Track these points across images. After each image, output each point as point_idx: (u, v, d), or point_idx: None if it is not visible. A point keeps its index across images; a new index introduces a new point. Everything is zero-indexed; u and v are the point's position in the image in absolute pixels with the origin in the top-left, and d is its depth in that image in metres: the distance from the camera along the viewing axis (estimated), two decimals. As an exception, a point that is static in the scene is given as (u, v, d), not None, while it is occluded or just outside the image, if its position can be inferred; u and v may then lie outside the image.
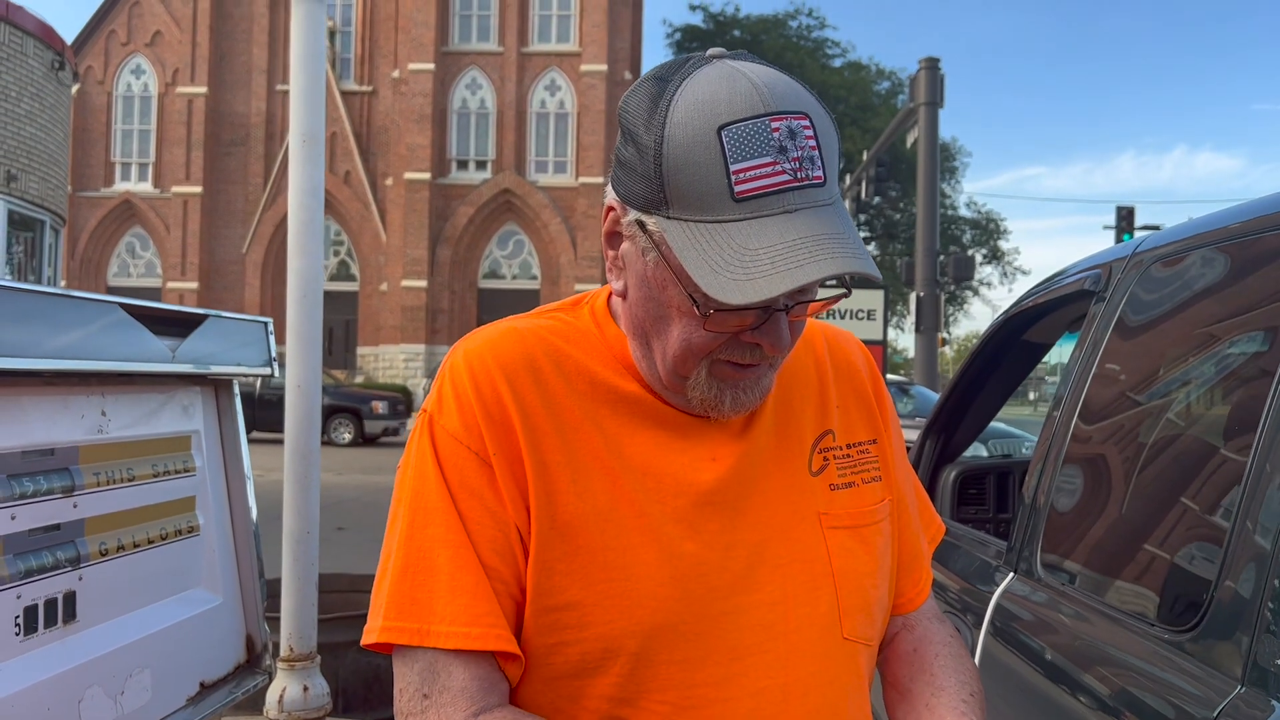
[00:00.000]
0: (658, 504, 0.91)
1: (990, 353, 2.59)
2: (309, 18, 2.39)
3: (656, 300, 0.90)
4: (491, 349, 0.94)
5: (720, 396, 0.92)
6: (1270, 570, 1.15)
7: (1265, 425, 1.24)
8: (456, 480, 0.90)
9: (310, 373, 2.35)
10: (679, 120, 0.84)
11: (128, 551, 1.63)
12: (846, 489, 1.03)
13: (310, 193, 2.35)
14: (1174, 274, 1.66)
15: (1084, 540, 1.70)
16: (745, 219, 0.82)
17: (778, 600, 0.93)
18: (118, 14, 36.96)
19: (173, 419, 1.77)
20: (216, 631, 1.84)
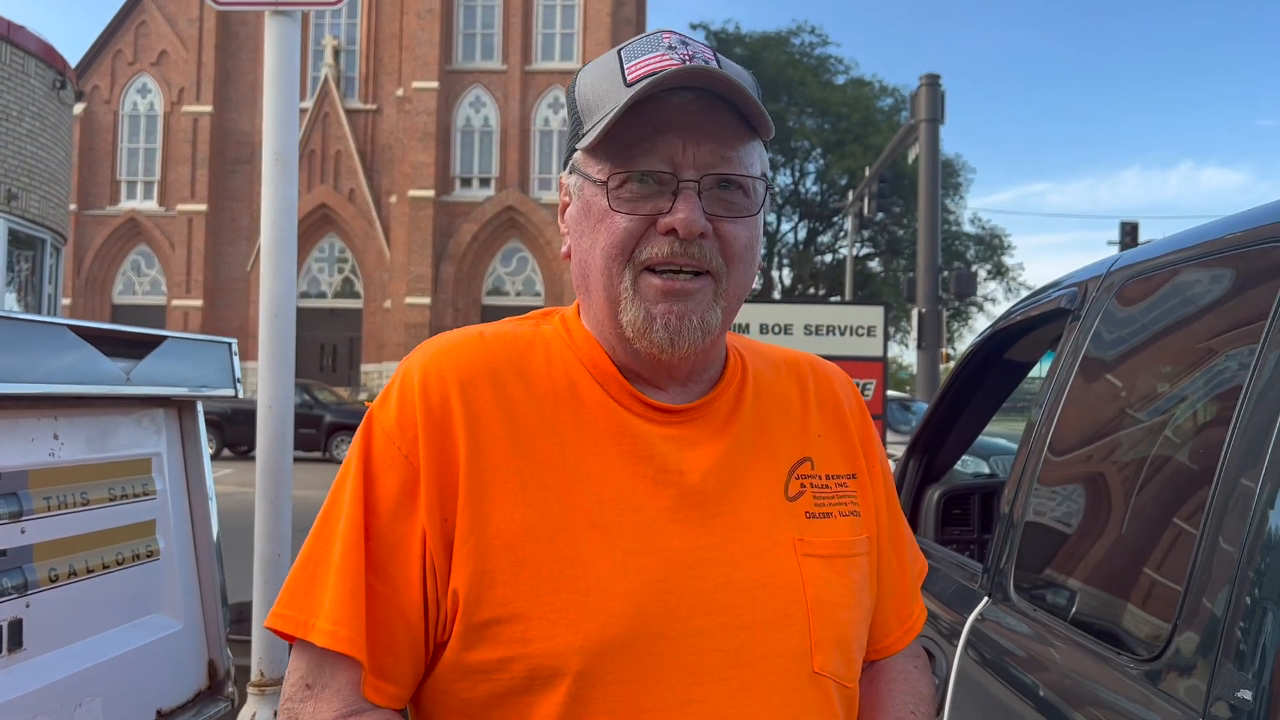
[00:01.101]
0: (615, 515, 0.88)
1: (971, 372, 2.56)
2: (282, 36, 2.38)
3: (588, 224, 0.92)
4: (451, 353, 0.93)
5: (650, 321, 0.89)
6: (1232, 602, 1.12)
7: (1228, 452, 1.21)
8: (375, 480, 0.88)
9: (282, 392, 2.32)
10: (589, 65, 0.97)
11: (80, 577, 1.60)
12: (823, 519, 0.99)
13: (283, 211, 2.33)
14: (1146, 292, 1.63)
15: (1056, 565, 1.67)
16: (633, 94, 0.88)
17: (744, 625, 0.89)
18: (124, 34, 37.19)
19: (132, 441, 1.75)
20: (176, 658, 1.81)
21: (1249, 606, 1.09)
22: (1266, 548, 1.09)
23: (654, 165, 0.88)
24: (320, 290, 36.76)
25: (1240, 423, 1.21)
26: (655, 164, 0.88)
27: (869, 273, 39.00)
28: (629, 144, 0.88)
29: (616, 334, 0.93)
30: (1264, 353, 1.22)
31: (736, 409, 0.99)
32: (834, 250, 40.84)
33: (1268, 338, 1.23)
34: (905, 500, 2.75)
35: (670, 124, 0.88)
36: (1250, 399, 1.21)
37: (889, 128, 35.84)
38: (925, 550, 2.40)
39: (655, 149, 0.88)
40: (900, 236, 38.21)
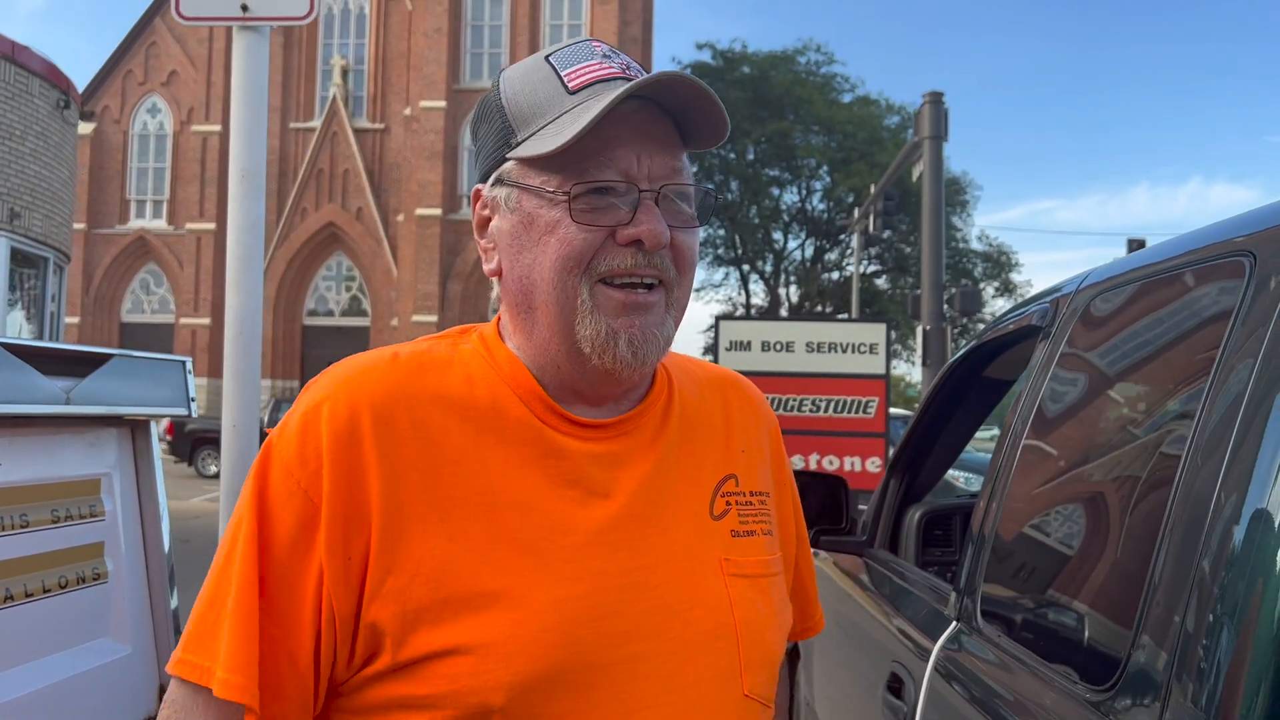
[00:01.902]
0: (545, 541, 0.84)
1: (950, 391, 2.52)
2: (250, 51, 2.36)
3: (529, 239, 0.88)
4: (362, 378, 0.87)
5: (614, 335, 0.86)
6: (1183, 631, 1.08)
7: (1184, 472, 1.17)
8: (270, 516, 0.83)
9: (247, 412, 2.29)
10: (511, 70, 0.93)
11: (18, 601, 1.56)
12: (747, 537, 0.97)
13: (249, 229, 2.30)
14: (1112, 309, 1.60)
15: (1021, 591, 1.63)
16: (582, 102, 0.86)
17: (676, 650, 0.86)
18: (134, 54, 37.50)
19: (78, 462, 1.72)
20: (124, 683, 1.77)
21: (1202, 635, 1.05)
22: (1223, 568, 1.05)
23: (611, 176, 0.86)
24: (328, 309, 36.88)
25: (1191, 451, 1.17)
26: (612, 175, 0.86)
27: (876, 290, 38.94)
28: (583, 155, 0.85)
29: (567, 349, 0.88)
30: (1220, 371, 1.18)
31: (664, 424, 0.96)
32: (841, 267, 40.83)
33: (1224, 355, 1.19)
34: (886, 521, 2.71)
35: (623, 134, 0.86)
36: (1206, 417, 1.17)
37: (895, 145, 35.86)
38: (901, 573, 2.35)
39: (612, 160, 0.86)
40: (907, 254, 38.18)
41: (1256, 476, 1.06)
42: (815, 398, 7.85)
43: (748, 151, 39.08)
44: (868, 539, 2.72)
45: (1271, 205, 1.31)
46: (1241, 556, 1.04)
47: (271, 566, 0.82)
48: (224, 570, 0.83)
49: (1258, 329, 1.15)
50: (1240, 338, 1.18)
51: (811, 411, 7.76)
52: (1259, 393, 1.10)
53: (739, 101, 38.51)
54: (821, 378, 7.92)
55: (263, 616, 0.81)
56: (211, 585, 0.84)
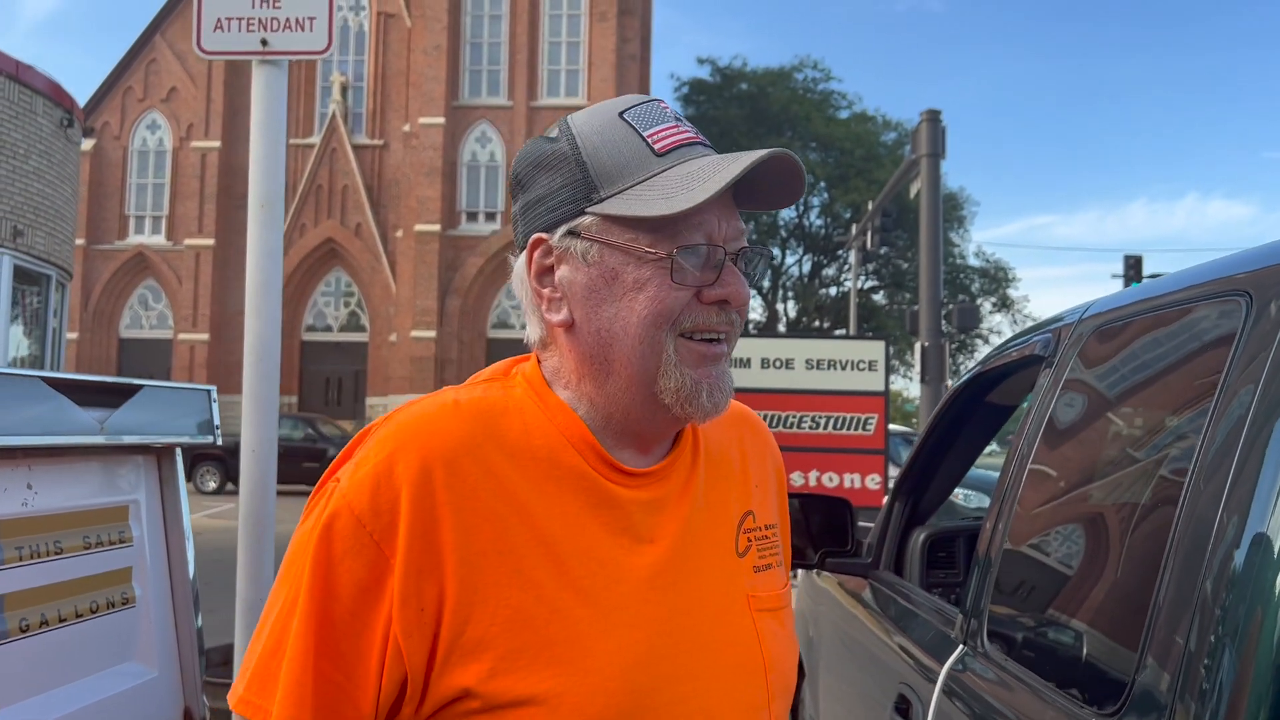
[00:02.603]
0: (604, 590, 0.88)
1: (954, 415, 2.57)
2: (269, 84, 2.41)
3: (611, 294, 0.91)
4: (430, 429, 0.88)
5: (697, 386, 0.90)
6: (1187, 655, 1.12)
7: (1187, 497, 1.22)
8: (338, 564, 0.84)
9: (266, 437, 2.33)
10: (580, 123, 0.95)
11: (53, 626, 1.60)
12: (765, 571, 1.03)
13: (268, 255, 2.35)
14: (1114, 340, 1.64)
15: (1026, 614, 1.67)
16: (673, 165, 0.91)
17: (715, 686, 0.91)
18: (134, 71, 37.64)
19: (108, 489, 1.76)
20: (152, 705, 1.81)
21: (1204, 657, 1.09)
22: (1224, 590, 1.10)
23: (699, 239, 0.90)
24: (326, 324, 36.90)
25: (1193, 480, 1.21)
26: (699, 238, 0.90)
27: (873, 305, 39.04)
28: (675, 217, 0.88)
29: (644, 399, 0.92)
30: (1221, 402, 1.23)
31: (694, 467, 1.00)
32: (838, 283, 40.94)
33: (1224, 385, 1.24)
34: (890, 543, 2.75)
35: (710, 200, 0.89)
36: (1208, 443, 1.22)
37: (892, 162, 36.01)
38: (907, 595, 2.39)
39: (701, 224, 0.90)
40: (904, 269, 38.29)
41: (1257, 501, 1.11)
42: (815, 414, 7.89)
43: (745, 168, 39.13)
44: (872, 561, 2.76)
45: (1268, 245, 1.36)
46: (1242, 579, 1.08)
47: (337, 614, 0.83)
48: (287, 615, 0.85)
49: (1256, 359, 1.20)
50: (1240, 368, 1.23)
51: (811, 428, 7.79)
52: (1259, 420, 1.15)
53: (736, 118, 38.69)
54: (821, 394, 7.95)
55: (326, 663, 0.83)
56: (276, 627, 0.86)
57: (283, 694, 0.83)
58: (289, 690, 0.83)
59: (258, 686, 0.85)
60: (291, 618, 0.84)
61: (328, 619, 0.83)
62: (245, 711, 0.85)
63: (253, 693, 0.85)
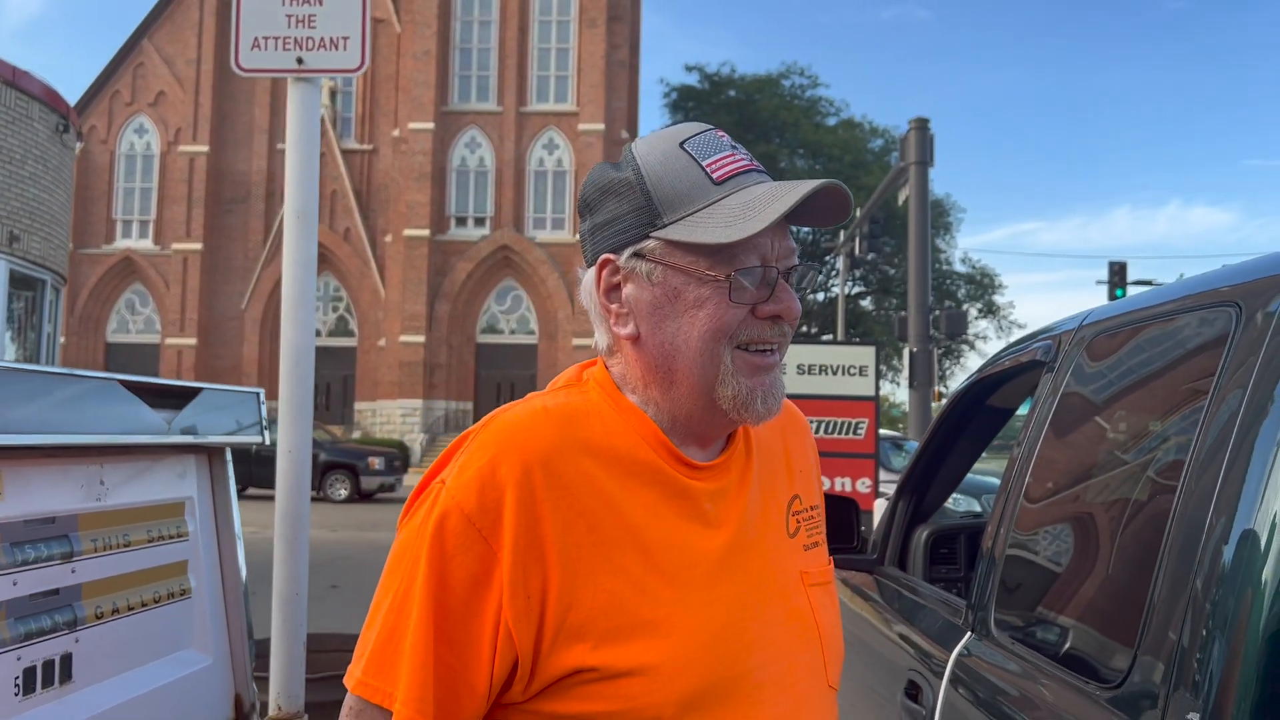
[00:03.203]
0: (684, 572, 0.98)
1: (956, 417, 2.69)
2: (304, 100, 2.52)
3: (674, 311, 1.00)
4: (527, 432, 0.97)
5: (752, 394, 1.00)
6: (1184, 632, 1.23)
7: (1180, 494, 1.33)
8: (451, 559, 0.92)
9: (301, 438, 2.44)
10: (644, 152, 1.04)
11: (122, 614, 1.71)
12: (814, 549, 1.15)
13: (303, 265, 2.46)
14: (1113, 347, 1.76)
15: (1033, 601, 1.78)
16: (730, 193, 0.99)
17: (782, 655, 1.02)
18: (122, 75, 37.59)
19: (168, 486, 1.87)
20: (206, 691, 1.92)
21: (1202, 637, 1.20)
22: (1214, 584, 1.21)
23: (755, 261, 1.00)
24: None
25: (1190, 471, 1.33)
26: (754, 260, 1.00)
27: (861, 311, 39.25)
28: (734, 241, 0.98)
29: (705, 405, 1.02)
30: (1212, 406, 1.35)
31: (748, 458, 1.12)
32: (826, 289, 41.13)
33: (1215, 390, 1.35)
34: (895, 540, 2.87)
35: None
36: (1201, 444, 1.33)
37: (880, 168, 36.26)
38: (913, 588, 2.51)
39: (756, 246, 0.99)
40: (892, 275, 38.52)
41: (1244, 499, 1.22)
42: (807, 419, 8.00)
43: (734, 174, 39.31)
44: (878, 557, 2.89)
45: (1257, 260, 1.49)
46: (1231, 574, 1.19)
47: (451, 604, 0.93)
48: (402, 605, 0.95)
49: (1244, 366, 1.32)
50: (1230, 373, 1.34)
51: (804, 433, 7.89)
52: (1247, 422, 1.26)
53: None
54: (813, 399, 8.08)
55: (443, 648, 0.93)
56: (391, 615, 0.95)
57: (406, 677, 0.92)
58: (411, 674, 0.92)
59: (376, 670, 0.94)
60: (408, 608, 0.94)
61: (443, 609, 0.93)
62: (366, 694, 0.95)
63: (371, 675, 0.94)
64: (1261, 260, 1.47)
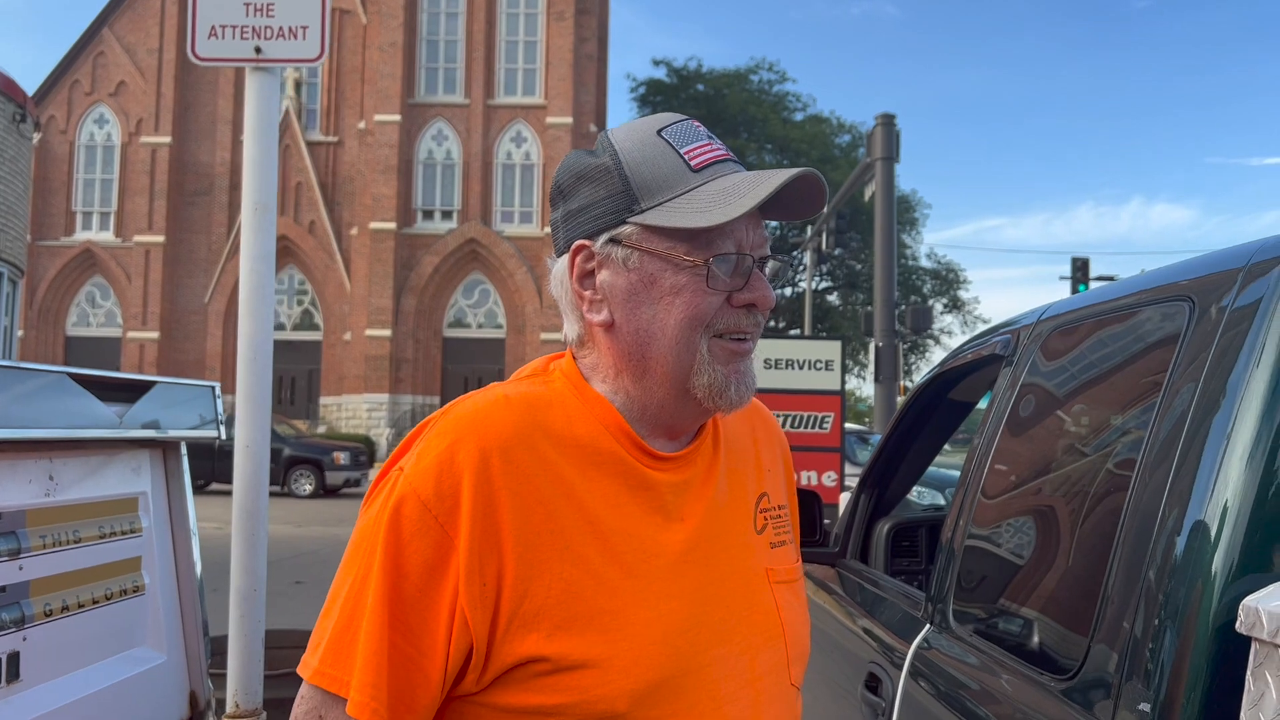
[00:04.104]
0: (644, 564, 0.98)
1: (917, 411, 2.71)
2: (263, 90, 2.49)
3: (650, 297, 1.00)
4: (486, 420, 0.97)
5: (727, 381, 1.00)
6: (1135, 624, 1.25)
7: (1133, 490, 1.35)
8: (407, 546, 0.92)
9: (259, 434, 2.41)
10: (621, 138, 1.04)
11: (72, 612, 1.68)
12: (781, 547, 1.14)
13: (261, 259, 2.43)
14: (1069, 341, 1.78)
15: (990, 593, 1.80)
16: (708, 180, 1.00)
17: (744, 650, 1.02)
18: (81, 64, 36.96)
19: (120, 481, 1.83)
20: (160, 689, 1.89)
21: (1154, 627, 1.22)
22: (1167, 576, 1.22)
23: (730, 248, 1.00)
24: (279, 322, 36.47)
25: (1142, 466, 1.35)
26: (730, 247, 1.00)
27: (828, 306, 39.47)
28: (710, 228, 0.99)
29: (678, 393, 1.02)
30: (1165, 399, 1.36)
31: (716, 452, 1.11)
32: (794, 284, 41.32)
33: (1168, 383, 1.37)
34: (857, 533, 2.89)
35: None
36: (1154, 437, 1.34)
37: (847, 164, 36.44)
38: (874, 581, 2.53)
39: (732, 233, 1.00)
40: (859, 271, 38.76)
41: (1196, 491, 1.23)
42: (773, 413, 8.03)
43: (702, 168, 39.43)
44: (839, 550, 2.90)
45: (1210, 254, 1.50)
46: (1182, 564, 1.21)
47: (407, 591, 0.92)
48: (358, 593, 0.93)
49: (1197, 360, 1.33)
50: (1183, 367, 1.36)
51: (770, 427, 7.93)
52: (1199, 415, 1.28)
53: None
54: (779, 394, 8.11)
55: (398, 636, 0.92)
56: (347, 604, 0.94)
57: (360, 665, 0.91)
58: (365, 662, 0.91)
59: (332, 659, 0.93)
60: (364, 596, 0.93)
61: (399, 596, 0.92)
62: (322, 683, 0.93)
63: (327, 664, 0.93)
64: (1214, 255, 1.49)
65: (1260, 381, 1.22)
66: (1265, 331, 1.25)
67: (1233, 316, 1.31)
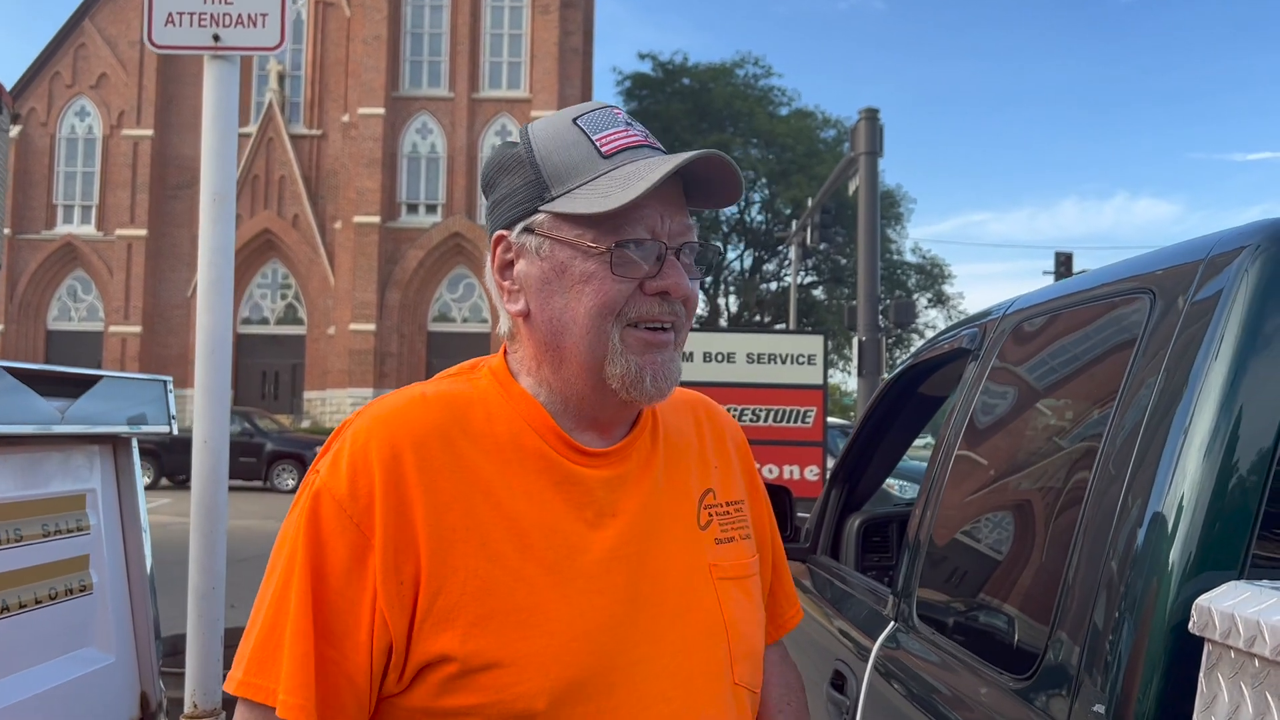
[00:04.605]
0: (566, 561, 0.95)
1: (888, 406, 2.68)
2: (221, 79, 2.44)
3: (561, 286, 0.98)
4: (399, 418, 0.96)
5: (641, 372, 0.98)
6: (1090, 625, 1.22)
7: (1091, 488, 1.32)
8: (325, 547, 0.91)
9: (217, 428, 2.37)
10: (537, 129, 1.03)
11: (13, 613, 1.63)
12: (728, 543, 1.11)
13: (220, 251, 2.38)
14: (1034, 334, 1.76)
15: (953, 592, 1.77)
16: (618, 166, 0.98)
17: (679, 649, 0.99)
18: (62, 56, 36.64)
19: (66, 478, 1.79)
20: (108, 690, 1.85)
21: (1109, 631, 1.20)
22: (1124, 575, 1.20)
23: (641, 234, 0.97)
24: (263, 316, 36.33)
25: (1101, 462, 1.32)
26: (642, 232, 0.98)
27: (813, 300, 39.53)
28: (618, 214, 0.96)
29: (594, 385, 0.99)
30: (1127, 390, 1.34)
31: (654, 447, 1.08)
32: (779, 278, 41.37)
33: (1130, 375, 1.34)
34: (828, 528, 2.86)
35: (650, 196, 0.97)
36: (1116, 429, 1.32)
37: (832, 158, 36.45)
38: (843, 577, 2.50)
39: (642, 219, 0.97)
40: (843, 265, 38.80)
41: (1157, 483, 1.21)
42: (755, 407, 8.03)
43: (687, 163, 39.46)
44: (810, 546, 2.88)
45: (1172, 246, 1.48)
46: (1142, 556, 1.19)
47: (327, 594, 0.91)
48: (280, 598, 0.91)
49: (1159, 352, 1.31)
50: (1145, 360, 1.33)
51: (752, 421, 7.93)
52: (1160, 407, 1.26)
53: (679, 113, 38.86)
54: (762, 388, 8.10)
55: (322, 642, 0.90)
56: (269, 612, 0.92)
57: (287, 671, 0.89)
58: (292, 666, 0.89)
59: (257, 669, 0.90)
60: (286, 603, 0.91)
61: (320, 600, 0.90)
62: (248, 693, 0.90)
63: (253, 675, 0.90)
64: (1175, 248, 1.47)
65: (1218, 375, 1.20)
66: (1224, 325, 1.23)
67: (1192, 310, 1.29)
